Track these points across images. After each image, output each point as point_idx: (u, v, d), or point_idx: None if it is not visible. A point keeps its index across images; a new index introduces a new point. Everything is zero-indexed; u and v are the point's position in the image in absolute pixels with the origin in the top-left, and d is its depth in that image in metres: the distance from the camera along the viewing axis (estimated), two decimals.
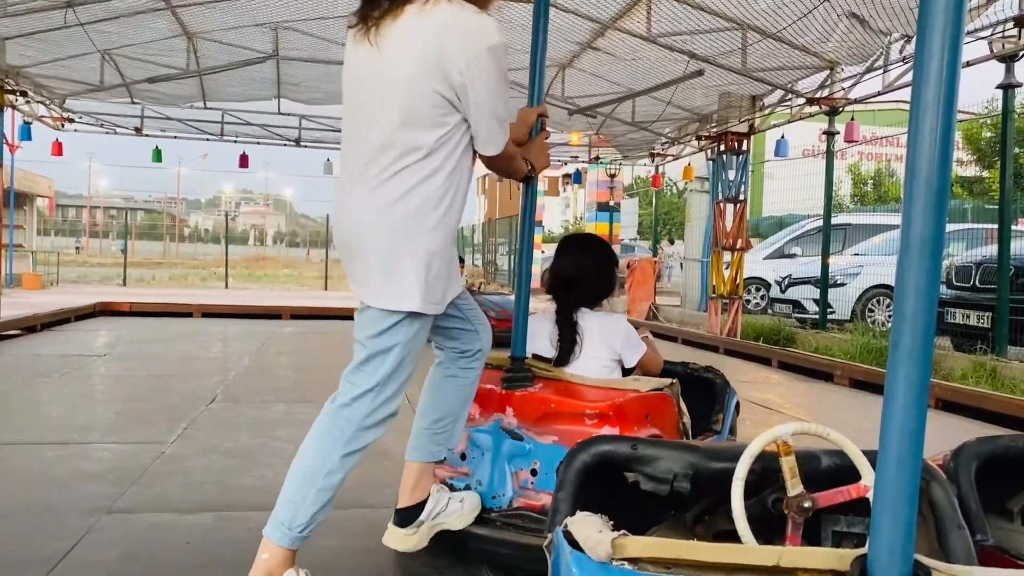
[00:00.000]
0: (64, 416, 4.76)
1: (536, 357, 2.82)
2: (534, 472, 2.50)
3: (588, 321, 2.89)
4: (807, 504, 1.42)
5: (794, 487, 1.43)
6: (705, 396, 3.30)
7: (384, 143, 2.08)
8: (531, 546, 2.35)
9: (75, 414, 4.82)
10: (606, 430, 2.53)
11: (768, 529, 1.50)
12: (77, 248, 47.82)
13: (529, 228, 2.90)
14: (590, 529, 1.17)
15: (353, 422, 2.15)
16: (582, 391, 2.68)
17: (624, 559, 1.09)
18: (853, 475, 1.45)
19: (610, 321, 2.94)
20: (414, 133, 2.06)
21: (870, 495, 1.40)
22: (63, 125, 12.15)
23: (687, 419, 2.79)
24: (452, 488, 2.64)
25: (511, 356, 2.76)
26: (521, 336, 2.76)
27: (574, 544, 1.18)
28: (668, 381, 2.74)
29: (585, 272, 2.92)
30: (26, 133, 11.34)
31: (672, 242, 21.73)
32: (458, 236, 2.36)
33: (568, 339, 2.86)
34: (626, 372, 2.93)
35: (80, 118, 12.42)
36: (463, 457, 2.64)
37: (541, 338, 2.92)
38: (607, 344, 2.86)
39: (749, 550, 1.12)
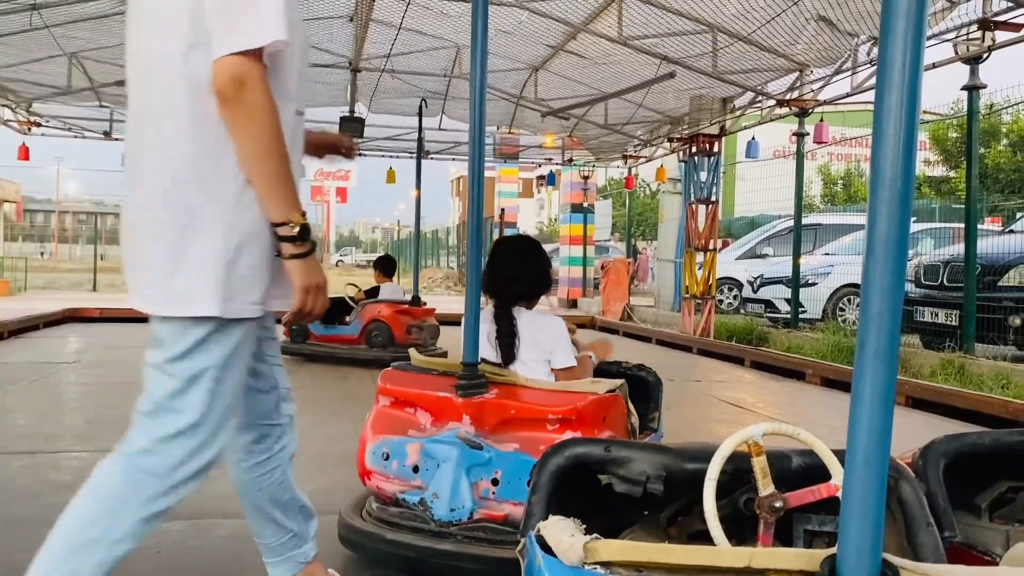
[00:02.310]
0: (32, 425, 4.69)
1: (485, 361, 2.73)
2: (495, 482, 2.43)
3: (523, 318, 2.90)
4: (778, 504, 1.43)
5: (765, 487, 1.44)
6: (640, 394, 3.29)
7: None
8: (496, 559, 2.30)
9: (43, 423, 4.74)
10: (568, 435, 2.42)
11: (740, 529, 1.51)
12: (41, 253, 47.02)
13: (477, 231, 2.77)
14: (562, 533, 1.17)
15: (159, 475, 1.66)
16: (541, 395, 2.61)
17: (596, 563, 1.09)
18: (823, 474, 1.47)
19: (544, 320, 2.95)
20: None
21: (840, 494, 1.41)
22: (30, 129, 11.96)
23: (635, 419, 2.79)
24: (404, 502, 2.52)
25: (463, 362, 2.62)
26: (472, 340, 2.61)
27: (546, 548, 1.18)
28: (619, 382, 2.72)
29: (523, 271, 2.93)
30: None
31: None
32: (432, 239, 2.26)
33: (507, 334, 2.85)
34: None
35: (47, 122, 12.24)
36: (415, 470, 2.51)
37: (481, 341, 2.85)
38: (536, 343, 2.86)
39: (720, 552, 1.12)
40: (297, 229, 1.63)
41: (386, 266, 8.30)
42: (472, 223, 2.76)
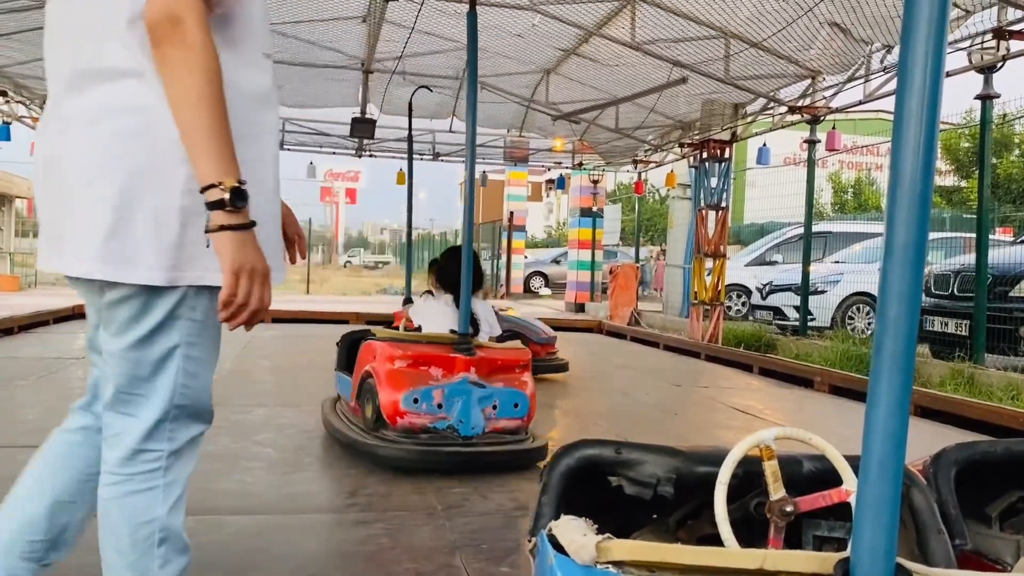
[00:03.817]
0: (41, 419, 4.71)
1: (453, 332, 4.11)
2: (495, 407, 3.87)
3: (477, 306, 4.46)
4: (789, 508, 1.43)
5: (776, 491, 1.44)
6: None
7: None
8: (504, 451, 3.84)
9: (52, 417, 4.72)
10: (527, 376, 4.11)
11: (750, 533, 1.50)
12: None
13: (469, 237, 4.32)
14: (574, 532, 1.17)
15: (154, 486, 1.54)
16: (506, 352, 4.20)
17: (608, 562, 1.09)
18: (834, 480, 1.46)
19: (488, 306, 4.92)
20: None
21: (851, 499, 1.41)
22: None
23: None
24: (434, 429, 3.75)
25: (458, 333, 4.07)
26: (465, 319, 4.07)
27: (558, 548, 1.18)
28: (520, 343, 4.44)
29: (474, 272, 4.26)
30: (5, 133, 11.20)
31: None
32: (440, 241, 2.30)
33: (475, 320, 4.35)
34: None
35: None
36: (439, 407, 3.78)
37: (441, 316, 4.47)
38: (487, 321, 4.69)
39: (733, 553, 1.12)
40: (228, 194, 1.37)
41: None
42: (466, 226, 4.35)
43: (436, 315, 4.50)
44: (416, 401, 3.74)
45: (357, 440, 3.88)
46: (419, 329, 4.58)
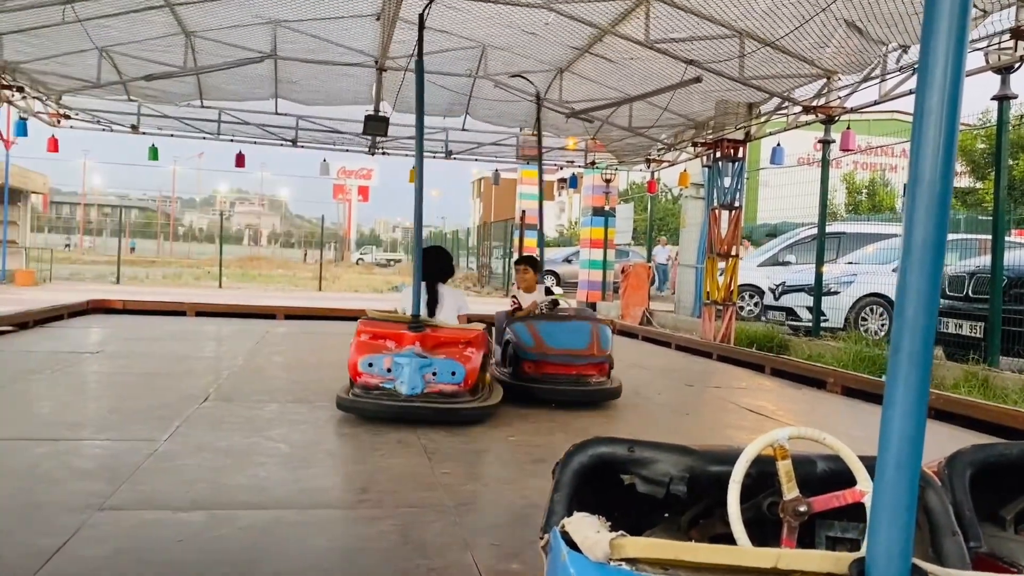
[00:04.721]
0: (55, 413, 4.74)
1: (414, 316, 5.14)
2: (434, 374, 4.82)
3: (443, 291, 5.64)
4: (802, 508, 1.42)
5: (790, 491, 1.43)
6: None
7: None
8: (436, 408, 4.76)
9: (66, 411, 4.79)
10: (470, 350, 5.02)
11: (763, 533, 1.50)
12: (67, 246, 47.49)
13: (418, 233, 5.74)
14: (588, 529, 1.16)
15: None
16: (453, 331, 5.19)
17: (622, 559, 1.09)
18: (848, 480, 1.46)
19: (455, 292, 5.93)
20: None
21: (865, 500, 1.40)
22: (59, 121, 12.09)
23: (493, 346, 5.88)
24: (383, 388, 4.78)
25: (412, 315, 5.11)
26: (416, 303, 5.15)
27: (571, 544, 1.17)
28: (483, 325, 5.43)
29: (442, 265, 5.68)
30: (22, 129, 11.27)
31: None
32: (452, 239, 2.28)
33: (433, 302, 5.51)
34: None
35: (77, 115, 12.36)
36: (389, 371, 4.79)
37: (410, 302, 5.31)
38: (455, 304, 5.65)
39: (747, 552, 1.11)
40: None
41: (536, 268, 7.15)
42: (417, 225, 5.67)
43: (406, 303, 5.59)
44: (371, 365, 4.84)
45: (337, 394, 4.93)
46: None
